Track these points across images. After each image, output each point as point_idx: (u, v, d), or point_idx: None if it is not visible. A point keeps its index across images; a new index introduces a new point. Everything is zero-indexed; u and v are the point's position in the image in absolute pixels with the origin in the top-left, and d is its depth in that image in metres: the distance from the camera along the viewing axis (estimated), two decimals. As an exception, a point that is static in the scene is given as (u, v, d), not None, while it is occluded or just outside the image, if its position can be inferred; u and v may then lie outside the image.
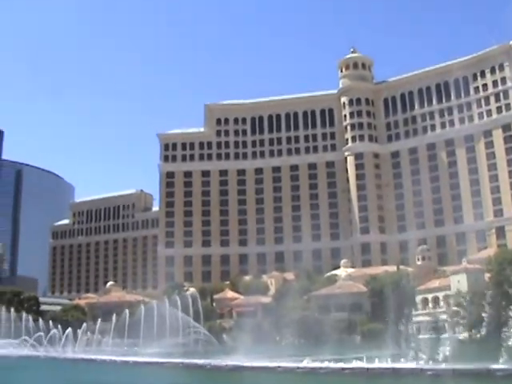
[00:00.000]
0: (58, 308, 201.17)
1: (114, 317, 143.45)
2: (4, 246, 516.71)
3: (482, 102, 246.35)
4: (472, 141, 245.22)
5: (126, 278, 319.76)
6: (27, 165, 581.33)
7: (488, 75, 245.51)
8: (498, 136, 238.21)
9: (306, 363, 62.02)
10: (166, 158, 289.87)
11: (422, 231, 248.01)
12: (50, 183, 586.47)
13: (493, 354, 53.77)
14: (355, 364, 55.36)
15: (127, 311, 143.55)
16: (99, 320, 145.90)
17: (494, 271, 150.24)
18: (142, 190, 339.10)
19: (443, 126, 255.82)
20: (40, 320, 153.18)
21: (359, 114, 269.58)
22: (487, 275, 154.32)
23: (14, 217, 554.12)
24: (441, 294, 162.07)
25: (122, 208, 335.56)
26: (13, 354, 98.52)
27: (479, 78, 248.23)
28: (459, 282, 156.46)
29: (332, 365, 60.15)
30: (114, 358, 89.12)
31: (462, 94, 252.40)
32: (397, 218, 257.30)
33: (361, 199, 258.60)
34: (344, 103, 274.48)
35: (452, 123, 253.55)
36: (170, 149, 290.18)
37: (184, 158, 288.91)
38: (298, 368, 61.36)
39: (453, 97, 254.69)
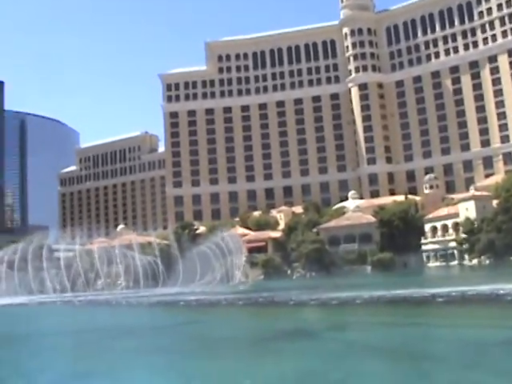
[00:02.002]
0: (71, 254, 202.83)
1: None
2: (13, 196, 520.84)
3: (487, 26, 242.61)
4: (477, 67, 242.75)
5: (135, 220, 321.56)
6: (30, 114, 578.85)
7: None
8: (503, 61, 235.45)
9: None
10: (168, 99, 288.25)
11: (429, 160, 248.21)
12: (54, 131, 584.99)
13: (502, 278, 54.33)
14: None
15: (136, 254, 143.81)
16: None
17: (502, 197, 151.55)
18: (146, 132, 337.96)
19: (447, 53, 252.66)
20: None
21: (361, 44, 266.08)
22: (495, 202, 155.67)
23: (21, 167, 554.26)
24: (449, 222, 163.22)
25: (128, 151, 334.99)
26: (31, 302, 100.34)
27: (483, 2, 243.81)
28: (467, 210, 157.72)
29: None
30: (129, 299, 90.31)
31: (466, 20, 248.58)
32: (403, 148, 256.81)
33: (366, 130, 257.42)
34: (346, 34, 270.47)
35: (456, 50, 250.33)
36: (173, 89, 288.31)
37: (187, 97, 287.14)
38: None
39: (456, 23, 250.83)
